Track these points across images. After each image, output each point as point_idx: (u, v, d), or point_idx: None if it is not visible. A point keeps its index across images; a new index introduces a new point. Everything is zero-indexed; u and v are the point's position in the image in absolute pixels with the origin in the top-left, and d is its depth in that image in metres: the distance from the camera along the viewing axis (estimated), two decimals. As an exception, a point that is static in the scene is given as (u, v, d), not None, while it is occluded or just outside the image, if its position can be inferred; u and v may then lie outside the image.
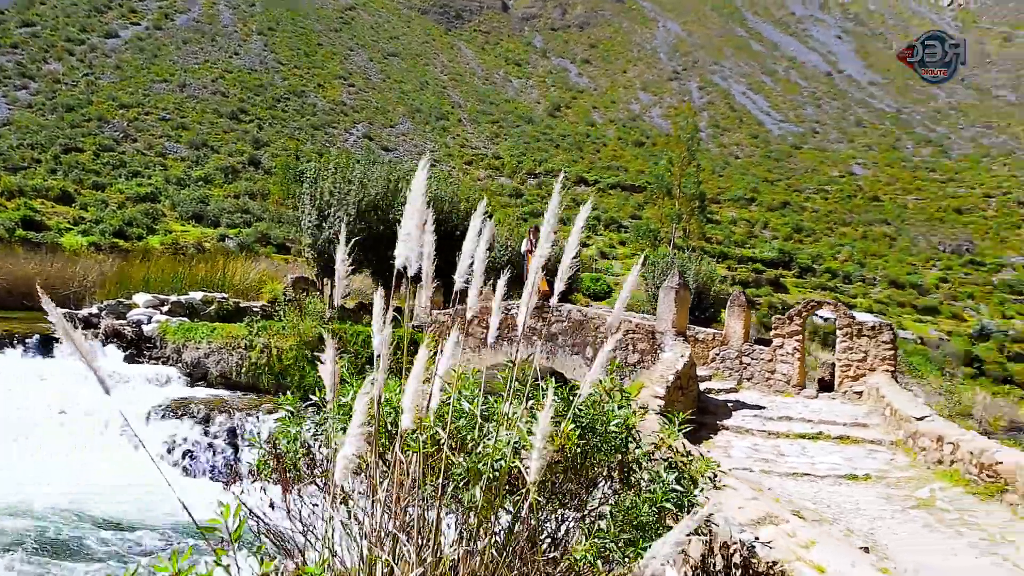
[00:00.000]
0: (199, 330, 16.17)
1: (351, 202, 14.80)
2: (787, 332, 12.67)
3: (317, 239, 15.08)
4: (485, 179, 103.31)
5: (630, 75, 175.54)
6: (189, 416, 13.79)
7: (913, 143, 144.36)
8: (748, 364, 12.81)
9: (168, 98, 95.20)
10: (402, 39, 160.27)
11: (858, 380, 11.84)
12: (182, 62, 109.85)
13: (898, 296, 78.26)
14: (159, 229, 58.20)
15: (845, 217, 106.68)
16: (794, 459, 8.36)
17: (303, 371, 15.06)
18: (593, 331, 12.82)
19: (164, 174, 73.69)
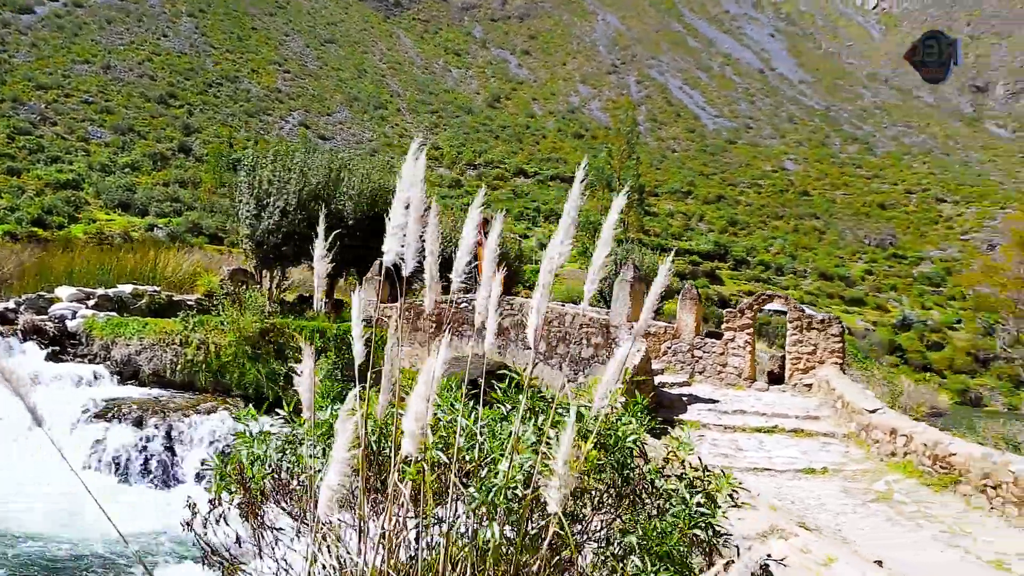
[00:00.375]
0: (130, 325, 15.00)
1: (291, 191, 14.15)
2: (738, 326, 12.53)
3: (256, 229, 14.36)
4: (424, 170, 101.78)
5: (569, 67, 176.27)
6: (120, 418, 12.84)
7: (841, 140, 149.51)
8: (700, 358, 12.54)
9: (91, 80, 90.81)
10: (340, 26, 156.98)
11: (807, 373, 11.99)
12: (106, 42, 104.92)
13: (827, 288, 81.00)
14: (82, 218, 55.50)
15: (778, 211, 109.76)
16: (752, 453, 8.33)
17: (243, 368, 14.24)
18: (546, 324, 12.23)
19: (87, 160, 70.31)
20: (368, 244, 15.99)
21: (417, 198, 3.01)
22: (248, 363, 13.98)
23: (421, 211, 3.02)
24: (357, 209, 15.36)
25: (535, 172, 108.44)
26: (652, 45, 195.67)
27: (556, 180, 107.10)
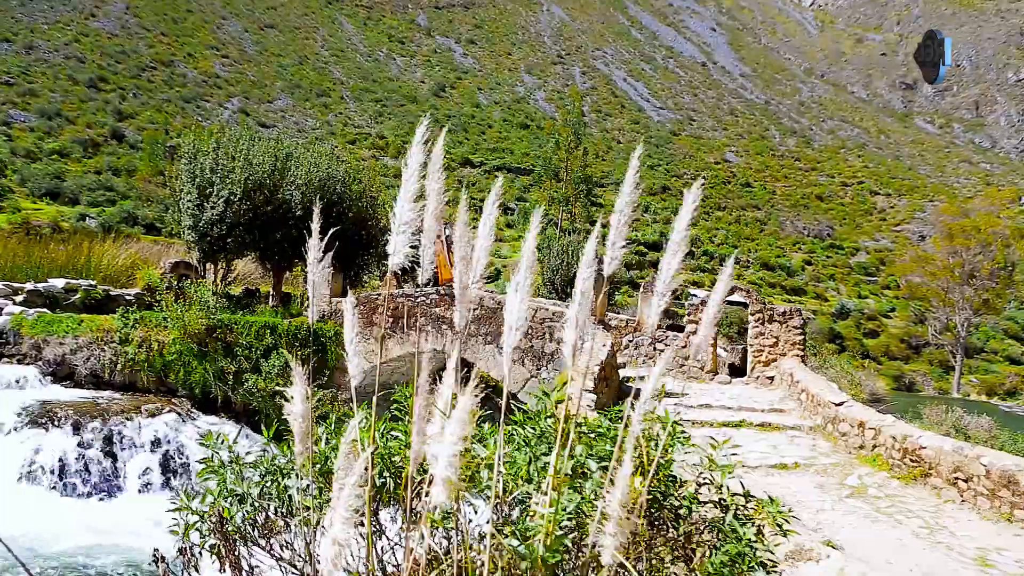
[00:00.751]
0: (63, 323, 13.94)
1: (236, 180, 13.35)
2: (700, 318, 11.99)
3: (199, 220, 13.47)
4: (369, 159, 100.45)
5: (515, 57, 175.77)
6: (55, 424, 11.80)
7: (780, 133, 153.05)
8: (662, 351, 12.25)
9: (12, 60, 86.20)
10: (279, 10, 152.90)
11: (769, 365, 12.17)
12: (29, 20, 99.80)
13: (769, 277, 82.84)
14: (6, 206, 52.58)
15: (720, 202, 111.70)
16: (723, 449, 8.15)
17: (189, 367, 13.47)
18: None
19: (10, 145, 66.74)
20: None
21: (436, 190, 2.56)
22: (194, 361, 13.26)
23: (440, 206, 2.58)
24: (305, 199, 14.63)
25: (481, 162, 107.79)
26: (597, 36, 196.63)
27: (503, 170, 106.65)
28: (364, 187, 17.09)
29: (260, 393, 12.85)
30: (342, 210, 15.72)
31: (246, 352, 13.06)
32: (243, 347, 13.17)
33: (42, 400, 12.37)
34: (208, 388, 13.35)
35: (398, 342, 13.30)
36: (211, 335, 13.10)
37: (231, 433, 12.92)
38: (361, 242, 16.95)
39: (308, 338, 13.44)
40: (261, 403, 13.02)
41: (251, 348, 13.15)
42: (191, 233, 13.60)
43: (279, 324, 13.48)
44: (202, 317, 12.94)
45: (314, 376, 14.34)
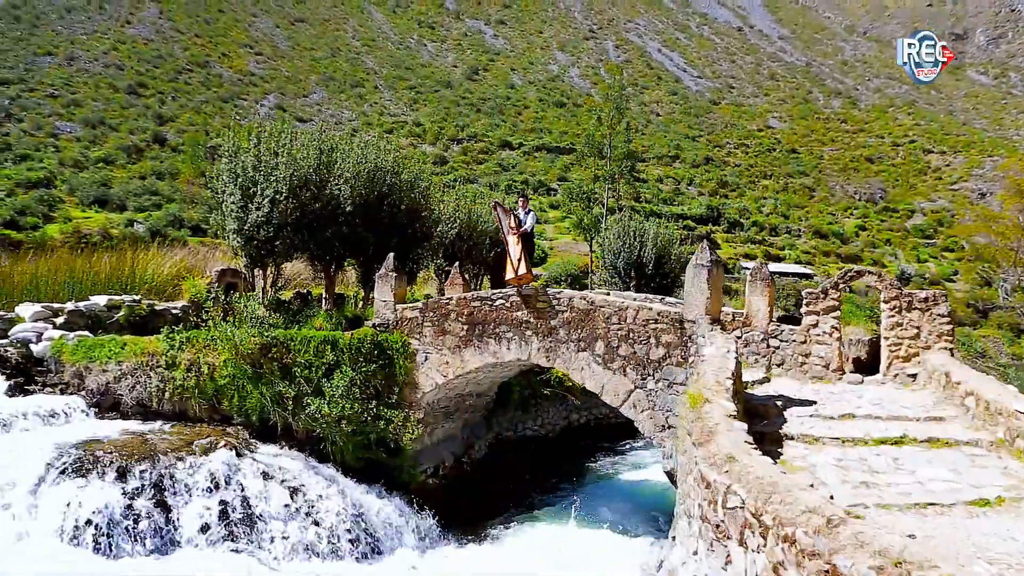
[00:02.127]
0: (106, 347, 12.66)
1: (281, 178, 12.44)
2: (822, 308, 10.66)
3: (244, 223, 12.46)
4: (407, 147, 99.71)
5: (546, 35, 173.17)
6: (98, 471, 10.24)
7: (824, 95, 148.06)
8: (777, 348, 10.93)
9: (55, 72, 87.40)
10: (309, 3, 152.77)
11: (910, 361, 10.43)
12: (67, 32, 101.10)
13: (823, 246, 79.95)
14: (57, 217, 53.04)
15: (766, 170, 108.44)
16: (894, 477, 6.60)
17: (244, 392, 12.08)
18: (604, 322, 10.67)
19: (58, 156, 67.46)
20: (369, 230, 14.14)
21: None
22: (249, 385, 11.96)
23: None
24: (354, 193, 13.41)
25: (520, 144, 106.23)
26: (628, 8, 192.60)
27: (542, 151, 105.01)
28: (415, 176, 15.74)
29: (324, 419, 11.65)
30: (394, 202, 14.55)
31: (306, 372, 11.89)
32: (302, 367, 11.97)
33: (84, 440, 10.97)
34: (266, 414, 12.11)
35: (475, 352, 12.05)
36: (266, 355, 11.90)
37: (294, 467, 11.52)
38: (416, 235, 15.67)
39: (373, 352, 12.43)
40: (326, 429, 11.84)
41: (311, 367, 11.97)
42: (236, 237, 12.45)
43: (340, 338, 12.27)
44: (254, 335, 11.80)
45: (382, 395, 12.64)
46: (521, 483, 15.07)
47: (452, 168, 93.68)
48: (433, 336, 12.55)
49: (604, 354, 10.76)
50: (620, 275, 22.77)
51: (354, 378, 11.90)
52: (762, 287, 11.29)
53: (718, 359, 8.26)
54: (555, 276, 55.06)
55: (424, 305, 12.79)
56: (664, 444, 10.52)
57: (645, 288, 22.28)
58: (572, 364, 11.14)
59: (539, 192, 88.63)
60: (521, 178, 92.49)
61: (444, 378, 12.45)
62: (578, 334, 11.00)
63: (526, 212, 12.60)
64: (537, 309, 11.49)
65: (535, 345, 11.49)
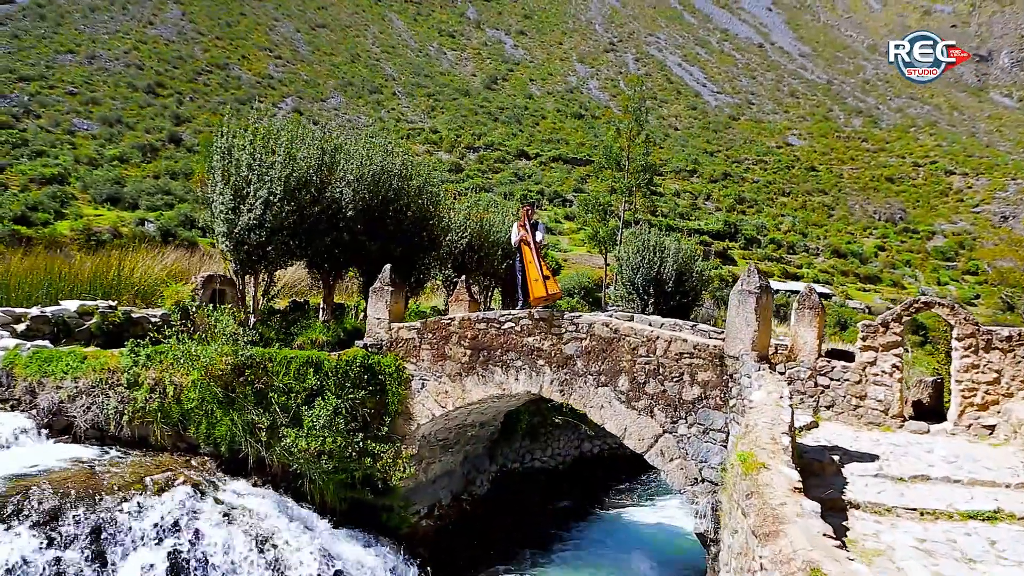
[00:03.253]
0: (63, 360, 10.97)
1: (276, 178, 11.51)
2: (881, 344, 9.27)
3: (234, 226, 11.39)
4: (423, 154, 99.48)
5: (566, 47, 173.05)
6: (23, 514, 8.35)
7: (844, 114, 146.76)
8: (827, 387, 9.51)
9: (75, 70, 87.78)
10: (330, 9, 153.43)
11: (987, 409, 9.05)
12: (90, 31, 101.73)
13: (841, 265, 78.73)
14: (69, 213, 52.88)
15: (784, 187, 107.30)
16: (997, 570, 5.46)
17: (212, 418, 10.41)
18: (629, 353, 9.21)
19: (74, 153, 67.52)
20: (372, 237, 13.27)
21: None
22: (219, 411, 10.30)
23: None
24: (357, 197, 12.55)
25: (536, 154, 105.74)
26: (649, 22, 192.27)
27: (558, 161, 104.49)
28: (424, 181, 14.88)
29: (301, 454, 10.11)
30: (399, 208, 13.68)
31: (282, 399, 10.31)
32: (279, 392, 10.38)
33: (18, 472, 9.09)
34: (237, 445, 10.46)
35: (478, 381, 10.54)
36: (238, 377, 10.31)
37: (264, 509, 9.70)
38: (422, 244, 14.73)
39: (362, 377, 10.93)
40: (304, 465, 10.29)
41: (289, 393, 10.39)
42: (225, 241, 11.41)
43: (325, 360, 10.79)
44: (226, 353, 10.16)
45: (370, 426, 11.05)
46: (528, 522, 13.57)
47: (467, 176, 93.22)
48: (431, 361, 11.18)
49: (628, 391, 9.34)
50: (638, 292, 21.82)
51: (339, 407, 10.49)
52: (811, 316, 9.96)
53: (770, 408, 6.77)
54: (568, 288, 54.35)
55: (422, 325, 11.50)
56: (697, 500, 9.09)
57: (663, 306, 21.36)
58: (590, 401, 9.67)
59: (554, 203, 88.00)
60: (537, 188, 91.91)
61: (442, 409, 11.09)
62: (598, 366, 9.56)
63: (532, 224, 11.17)
64: (552, 335, 10.15)
65: (547, 376, 10.06)
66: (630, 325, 9.54)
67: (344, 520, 10.95)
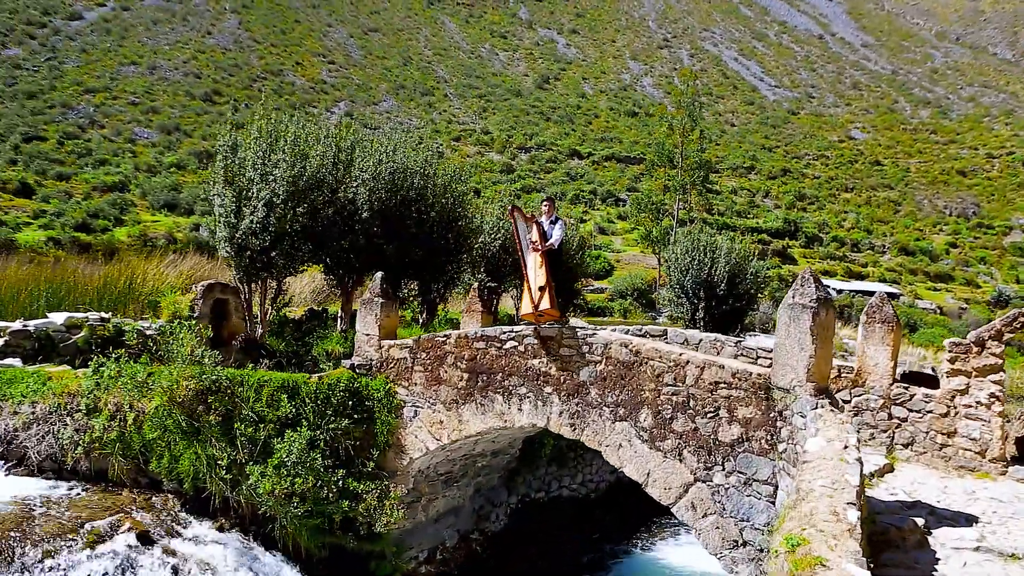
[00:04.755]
0: (24, 382, 9.62)
1: (279, 177, 10.63)
2: (975, 367, 7.36)
3: (235, 230, 10.48)
4: (475, 155, 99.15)
5: (619, 44, 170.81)
6: None
7: (911, 105, 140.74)
8: (904, 420, 7.79)
9: (137, 81, 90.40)
10: (383, 14, 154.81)
11: None
12: (152, 43, 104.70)
13: (909, 263, 75.04)
14: (127, 220, 54.13)
15: (847, 183, 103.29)
16: None
17: (175, 449, 9.09)
18: (652, 380, 7.53)
19: (134, 161, 69.34)
20: (390, 240, 12.33)
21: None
22: (182, 442, 9.01)
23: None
24: (373, 197, 11.61)
25: (589, 153, 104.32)
26: (704, 16, 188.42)
27: (611, 160, 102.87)
28: (451, 178, 13.76)
29: (267, 496, 8.71)
30: (423, 208, 12.72)
31: (249, 430, 8.91)
32: (246, 421, 9.00)
33: None
34: (202, 481, 9.05)
35: (477, 411, 9.00)
36: (203, 402, 8.96)
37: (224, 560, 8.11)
38: (448, 247, 13.60)
39: (347, 403, 9.49)
40: (273, 506, 8.86)
41: (257, 423, 8.98)
42: (226, 246, 10.58)
43: (303, 384, 9.42)
44: (190, 375, 8.84)
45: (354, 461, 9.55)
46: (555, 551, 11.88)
47: (519, 176, 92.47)
48: (425, 385, 9.59)
49: (652, 428, 7.68)
50: (688, 295, 20.43)
51: (316, 439, 9.11)
52: (883, 332, 8.06)
53: (831, 464, 5.04)
54: (621, 290, 52.92)
55: (415, 343, 9.93)
56: (737, 570, 7.22)
57: (716, 311, 19.89)
58: (606, 438, 8.03)
59: (607, 202, 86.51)
60: (589, 188, 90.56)
61: (437, 442, 9.59)
62: (615, 396, 7.90)
63: (552, 221, 9.21)
64: (561, 357, 8.42)
65: (556, 407, 8.40)
66: (654, 346, 7.86)
67: (324, 570, 9.57)
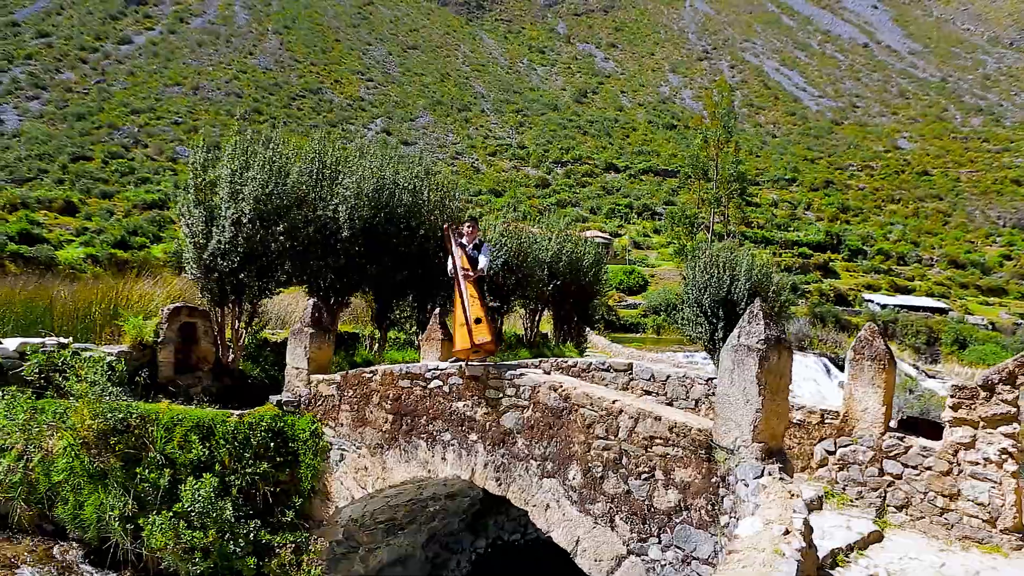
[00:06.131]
0: None
1: (248, 195, 10.11)
2: (983, 416, 5.89)
3: (204, 250, 10.00)
4: (510, 169, 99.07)
5: (658, 57, 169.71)
6: None
7: (962, 113, 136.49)
8: (898, 477, 6.43)
9: (180, 101, 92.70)
10: (422, 32, 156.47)
11: None
12: (196, 64, 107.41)
13: (960, 276, 72.16)
14: (165, 236, 55.15)
15: (893, 194, 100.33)
16: None
17: (80, 494, 8.19)
18: (582, 432, 6.36)
19: (174, 179, 70.80)
20: (373, 260, 11.73)
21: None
22: (88, 486, 8.10)
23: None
24: (355, 215, 11.14)
25: (626, 166, 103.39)
26: (745, 27, 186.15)
27: (648, 173, 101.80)
28: (444, 193, 13.11)
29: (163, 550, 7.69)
30: (413, 226, 12.14)
31: (153, 475, 8.02)
32: (152, 465, 8.10)
33: None
34: (106, 530, 8.03)
35: (400, 457, 7.98)
36: (105, 443, 8.07)
37: None
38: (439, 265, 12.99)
39: (268, 444, 8.57)
40: (177, 561, 7.81)
41: (163, 467, 8.09)
42: (194, 268, 10.25)
43: (220, 423, 8.47)
44: (91, 412, 7.94)
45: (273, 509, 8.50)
46: None
47: (553, 191, 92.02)
48: (351, 425, 8.56)
49: (582, 487, 6.41)
50: (706, 314, 19.45)
51: (229, 484, 8.20)
52: (872, 371, 6.63)
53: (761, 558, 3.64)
54: (654, 306, 51.86)
55: (342, 378, 8.89)
56: None
57: None
58: (533, 496, 6.79)
59: (643, 216, 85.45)
60: (625, 201, 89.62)
61: (362, 490, 8.48)
62: (543, 447, 6.71)
63: (475, 245, 8.01)
64: (487, 400, 7.24)
65: (481, 457, 7.22)
66: (585, 391, 6.61)
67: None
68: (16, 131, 79.17)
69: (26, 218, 53.77)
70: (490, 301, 15.58)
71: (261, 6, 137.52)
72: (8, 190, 62.22)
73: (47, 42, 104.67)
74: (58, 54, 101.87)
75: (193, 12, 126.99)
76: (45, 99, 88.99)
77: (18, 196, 60.98)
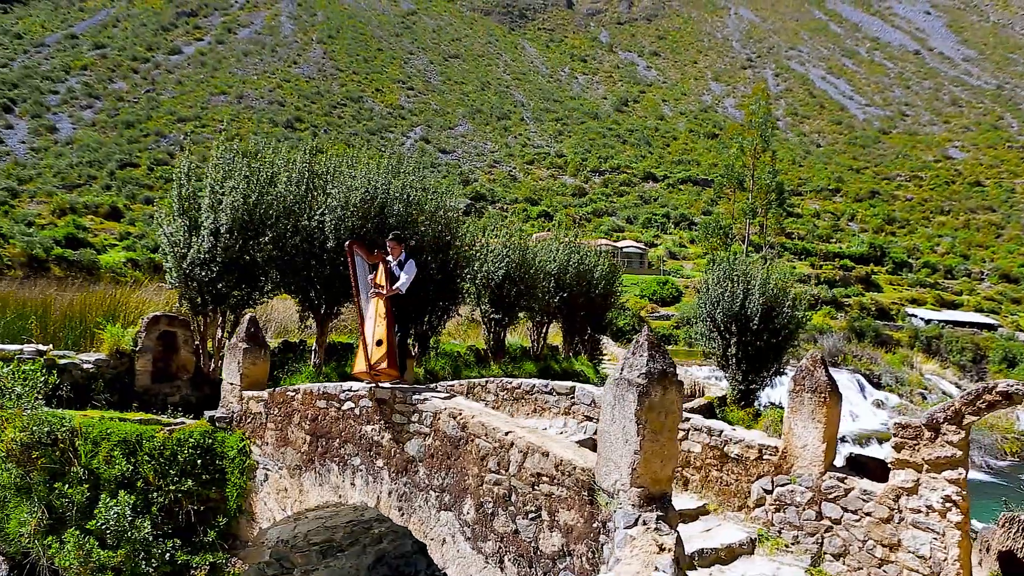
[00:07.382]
0: None
1: (227, 205, 10.12)
2: (927, 459, 5.33)
3: (183, 260, 10.00)
4: (547, 178, 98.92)
5: (701, 66, 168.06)
6: None
7: (1018, 121, 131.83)
8: (836, 522, 5.90)
9: (225, 110, 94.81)
10: (464, 41, 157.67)
11: None
12: (241, 73, 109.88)
13: (1012, 291, 69.49)
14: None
15: (943, 205, 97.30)
16: None
17: (6, 507, 7.97)
18: (476, 464, 6.00)
19: (214, 186, 72.42)
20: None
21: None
22: (14, 499, 7.87)
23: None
24: (341, 225, 11.11)
25: (664, 175, 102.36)
26: (790, 35, 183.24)
27: (687, 183, 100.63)
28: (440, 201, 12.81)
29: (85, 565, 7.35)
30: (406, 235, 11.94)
31: (72, 490, 7.79)
32: (72, 480, 7.88)
33: None
34: (29, 545, 7.80)
35: (315, 480, 7.79)
36: (28, 456, 7.83)
37: None
38: (437, 276, 12.64)
39: (195, 461, 8.43)
40: None
41: (83, 481, 7.88)
42: (173, 276, 10.31)
43: (147, 438, 8.28)
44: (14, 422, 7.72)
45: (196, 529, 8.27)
46: None
47: (590, 200, 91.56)
48: (275, 445, 8.35)
49: (475, 523, 6.00)
50: (719, 330, 18.69)
51: (151, 501, 8.03)
52: (812, 405, 6.14)
53: None
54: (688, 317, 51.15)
55: (269, 396, 8.67)
56: None
57: (750, 347, 18.16)
58: (431, 529, 6.47)
59: (680, 226, 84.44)
60: (662, 211, 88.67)
61: (283, 512, 8.25)
62: (442, 478, 6.38)
63: (399, 262, 7.86)
64: (394, 425, 6.97)
65: (386, 485, 6.94)
66: (481, 421, 6.17)
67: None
68: (70, 138, 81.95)
69: (73, 223, 55.53)
70: (491, 312, 15.40)
71: (307, 16, 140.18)
72: (59, 195, 64.44)
73: (102, 53, 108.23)
74: (112, 64, 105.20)
75: (241, 23, 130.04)
76: (98, 108, 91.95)
77: (67, 201, 63.06)
